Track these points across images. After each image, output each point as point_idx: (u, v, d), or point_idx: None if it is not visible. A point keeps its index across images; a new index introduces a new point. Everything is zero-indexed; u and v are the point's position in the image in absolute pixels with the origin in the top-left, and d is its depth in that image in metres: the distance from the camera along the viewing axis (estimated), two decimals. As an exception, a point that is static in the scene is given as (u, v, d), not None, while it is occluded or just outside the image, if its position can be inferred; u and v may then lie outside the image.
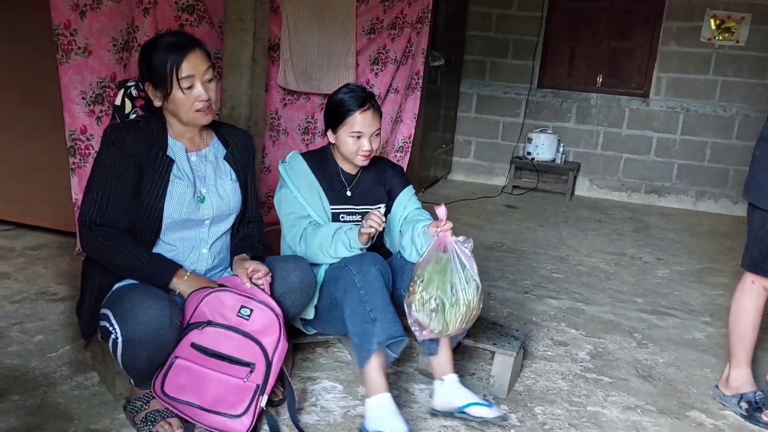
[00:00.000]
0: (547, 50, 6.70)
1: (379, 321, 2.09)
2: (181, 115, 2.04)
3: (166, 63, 1.96)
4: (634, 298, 3.72)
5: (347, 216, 2.49)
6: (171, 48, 1.98)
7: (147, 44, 2.06)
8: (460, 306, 2.09)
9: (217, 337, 1.99)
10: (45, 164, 3.54)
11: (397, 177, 2.61)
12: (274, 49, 3.96)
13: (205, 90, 2.02)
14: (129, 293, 1.90)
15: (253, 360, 2.00)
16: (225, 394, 1.98)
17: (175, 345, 1.97)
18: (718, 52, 6.22)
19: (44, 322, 2.70)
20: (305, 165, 2.45)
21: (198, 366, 1.98)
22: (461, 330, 2.18)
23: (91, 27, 3.14)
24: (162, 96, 2.01)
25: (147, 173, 2.01)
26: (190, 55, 1.98)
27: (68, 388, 2.23)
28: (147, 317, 1.83)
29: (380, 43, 4.79)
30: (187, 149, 2.12)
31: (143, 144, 2.01)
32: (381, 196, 2.56)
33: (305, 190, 2.41)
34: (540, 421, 2.31)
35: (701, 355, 3.00)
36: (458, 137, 7.10)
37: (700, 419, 2.43)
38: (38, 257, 3.45)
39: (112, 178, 1.97)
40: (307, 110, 4.39)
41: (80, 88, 3.21)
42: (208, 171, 2.16)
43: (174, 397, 1.99)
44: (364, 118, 2.36)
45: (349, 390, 2.40)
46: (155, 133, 2.06)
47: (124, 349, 1.86)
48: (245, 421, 1.98)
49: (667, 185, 6.64)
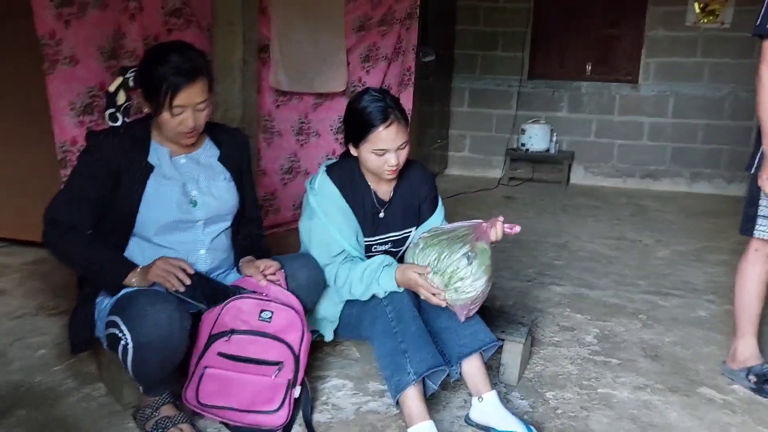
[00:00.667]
0: (536, 41, 6.71)
1: (413, 351, 1.98)
2: (165, 132, 2.03)
3: (163, 83, 1.90)
4: (636, 280, 3.72)
5: (380, 246, 2.31)
6: (174, 70, 1.90)
7: (155, 51, 2.00)
8: (427, 250, 2.02)
9: (242, 343, 2.00)
10: (37, 178, 3.51)
11: (429, 197, 2.37)
12: (265, 51, 3.94)
13: (194, 119, 1.98)
14: (137, 298, 1.88)
15: (281, 358, 2.02)
16: (259, 393, 2.01)
17: (185, 350, 1.96)
18: (704, 34, 6.24)
19: (46, 337, 2.68)
20: (337, 193, 2.20)
21: (228, 372, 2.01)
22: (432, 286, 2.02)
23: (76, 36, 3.12)
24: (150, 109, 1.99)
25: (124, 177, 1.99)
26: (189, 86, 1.92)
27: (75, 400, 2.21)
28: (158, 321, 1.81)
29: (370, 40, 4.78)
30: (173, 153, 2.09)
31: (121, 149, 1.99)
32: (413, 218, 2.35)
33: (339, 222, 2.19)
34: (552, 406, 2.30)
35: (707, 332, 2.99)
36: (453, 132, 7.11)
37: (709, 395, 2.42)
38: (35, 272, 3.43)
39: (83, 181, 1.97)
40: (300, 111, 4.37)
41: (68, 99, 3.18)
42: (201, 173, 2.13)
43: (210, 405, 2.02)
44: (388, 133, 2.08)
45: (360, 387, 2.38)
46: (137, 138, 2.04)
47: (135, 354, 1.84)
48: (282, 414, 2.02)
49: (661, 169, 6.65)
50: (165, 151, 2.08)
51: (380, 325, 2.06)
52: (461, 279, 1.98)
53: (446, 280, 1.99)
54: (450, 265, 1.99)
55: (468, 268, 1.97)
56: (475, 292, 2.00)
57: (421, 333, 2.04)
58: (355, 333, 2.24)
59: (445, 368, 2.03)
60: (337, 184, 2.21)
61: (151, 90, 1.94)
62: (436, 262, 2.01)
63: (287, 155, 4.32)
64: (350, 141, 2.18)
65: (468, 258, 1.98)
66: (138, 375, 1.93)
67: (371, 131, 2.09)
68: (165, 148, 2.08)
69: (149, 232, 2.04)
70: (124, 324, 1.85)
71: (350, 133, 2.17)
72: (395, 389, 1.97)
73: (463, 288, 1.99)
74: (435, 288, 2.01)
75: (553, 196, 6.17)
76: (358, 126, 2.12)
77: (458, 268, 1.98)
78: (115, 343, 1.89)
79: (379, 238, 2.31)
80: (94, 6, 3.13)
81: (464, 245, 2.00)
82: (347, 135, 2.20)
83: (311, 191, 2.24)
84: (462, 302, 2.01)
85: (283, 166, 4.31)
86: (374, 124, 2.08)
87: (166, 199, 2.04)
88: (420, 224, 2.37)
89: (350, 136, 2.18)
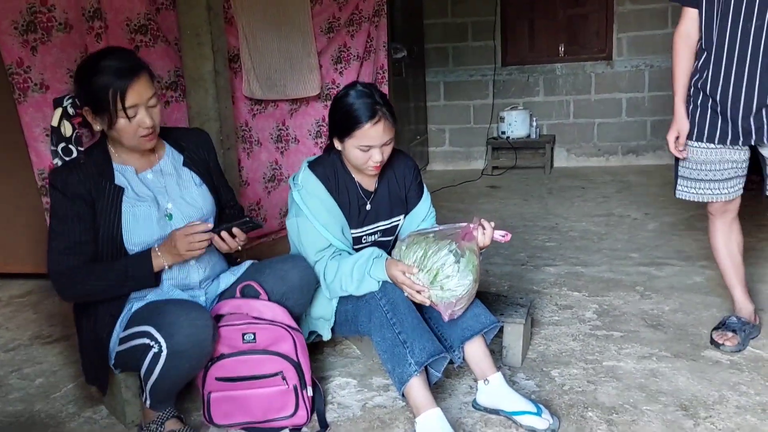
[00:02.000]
0: (506, 28, 6.72)
1: (413, 341, 1.95)
2: (125, 142, 1.97)
3: (108, 90, 1.84)
4: (629, 254, 3.72)
5: (369, 237, 2.30)
6: (115, 73, 1.85)
7: (85, 64, 1.93)
8: (414, 248, 2.00)
9: (235, 365, 2.03)
10: (19, 208, 3.47)
11: (414, 186, 2.35)
12: (235, 61, 3.91)
13: (150, 116, 1.93)
14: (166, 307, 1.89)
15: (279, 369, 2.04)
16: (270, 404, 2.06)
17: (208, 361, 1.99)
18: (673, 5, 6.25)
19: (42, 366, 2.63)
20: (321, 188, 2.17)
21: (232, 392, 2.05)
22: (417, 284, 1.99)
23: (44, 61, 3.07)
24: (104, 123, 1.92)
25: (98, 206, 1.95)
26: (135, 83, 1.87)
27: (77, 425, 2.17)
28: (195, 328, 1.84)
29: (340, 41, 4.75)
30: (138, 170, 2.04)
31: (88, 180, 1.94)
32: (400, 206, 2.34)
33: (325, 218, 2.17)
34: (558, 383, 2.29)
35: (705, 297, 3.00)
36: (431, 127, 7.09)
37: (715, 357, 2.41)
38: (26, 303, 3.37)
39: (67, 225, 1.92)
40: (277, 118, 4.33)
41: (42, 126, 3.13)
42: (169, 184, 2.09)
43: (227, 424, 2.08)
44: (375, 131, 2.05)
45: (364, 383, 2.36)
46: (99, 163, 1.98)
47: (167, 362, 1.84)
48: (301, 414, 2.07)
49: (642, 143, 6.67)
50: (130, 170, 2.03)
51: (377, 319, 2.04)
52: (447, 277, 1.96)
53: (431, 277, 1.97)
54: (436, 262, 1.97)
55: (455, 265, 1.95)
56: (461, 290, 1.97)
57: (418, 322, 2.02)
58: (352, 329, 2.21)
59: (446, 355, 2.01)
60: (321, 178, 2.19)
61: (99, 102, 1.87)
62: (422, 259, 1.99)
63: (268, 163, 4.29)
64: (335, 135, 2.15)
65: (455, 255, 1.96)
66: (161, 384, 1.92)
67: (357, 128, 2.05)
68: (128, 167, 2.03)
69: (130, 245, 2.01)
70: (158, 332, 1.84)
71: (336, 128, 2.13)
72: (399, 381, 1.95)
73: (449, 286, 1.96)
74: (419, 285, 1.99)
75: (537, 181, 6.17)
76: (344, 121, 2.08)
77: (444, 265, 1.96)
78: (139, 354, 1.88)
79: (367, 229, 2.29)
80: (58, 29, 3.08)
81: (451, 243, 1.99)
82: (332, 129, 2.16)
83: (295, 187, 2.21)
84: (446, 300, 1.99)
85: (266, 175, 4.27)
86: (361, 120, 2.04)
87: (145, 218, 2.00)
88: (408, 212, 2.35)
89: (336, 130, 2.14)
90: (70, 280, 1.93)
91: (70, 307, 2.17)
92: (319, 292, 2.25)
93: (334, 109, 2.14)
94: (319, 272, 2.19)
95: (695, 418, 2.03)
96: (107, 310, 2.00)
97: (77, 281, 1.92)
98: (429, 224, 2.34)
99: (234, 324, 2.04)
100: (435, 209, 2.41)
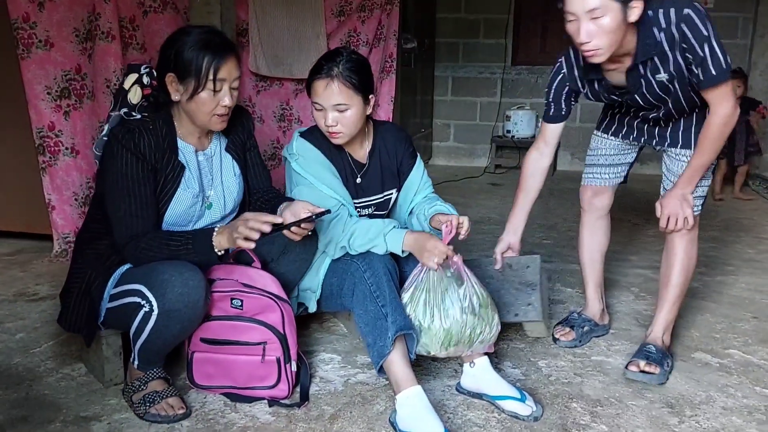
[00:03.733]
0: (518, 27, 6.68)
1: (390, 314, 1.92)
2: (198, 117, 1.93)
3: (203, 60, 1.84)
4: (627, 256, 3.69)
5: (363, 210, 2.27)
6: (210, 47, 1.86)
7: (181, 33, 1.92)
8: (435, 329, 1.92)
9: (221, 328, 2.01)
10: (15, 166, 3.43)
11: (407, 155, 2.34)
12: (243, 35, 3.89)
13: (230, 96, 1.93)
14: (161, 266, 1.84)
15: (263, 339, 2.01)
16: (252, 372, 2.03)
17: (201, 320, 1.96)
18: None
19: (25, 321, 2.60)
20: (319, 153, 2.17)
21: (216, 354, 2.03)
22: (456, 353, 1.98)
23: (50, 18, 3.05)
24: (187, 92, 1.89)
25: (159, 177, 1.93)
26: (229, 60, 1.89)
27: (54, 380, 2.14)
28: (187, 288, 1.81)
29: (350, 25, 4.73)
30: (196, 149, 2.04)
31: (156, 148, 1.92)
32: (393, 180, 2.33)
33: (328, 178, 2.14)
34: (545, 374, 2.26)
35: (700, 301, 2.96)
36: (436, 121, 7.06)
37: (705, 359, 2.38)
38: (14, 262, 3.34)
39: (136, 186, 1.89)
40: (282, 97, 4.31)
41: (44, 83, 3.12)
42: (214, 170, 2.09)
43: (208, 386, 2.07)
44: (321, 88, 2.05)
45: (348, 360, 2.33)
46: (164, 135, 1.95)
47: (158, 321, 1.82)
48: (282, 387, 2.03)
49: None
50: (190, 149, 2.02)
51: (360, 292, 2.01)
52: (440, 334, 1.94)
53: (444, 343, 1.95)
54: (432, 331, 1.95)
55: (430, 320, 1.93)
56: (457, 329, 1.92)
57: (395, 297, 1.98)
58: (337, 303, 2.18)
59: (413, 335, 1.93)
60: (315, 144, 2.18)
61: (190, 68, 1.85)
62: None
63: (270, 141, 4.27)
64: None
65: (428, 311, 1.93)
66: (150, 345, 1.90)
67: (311, 80, 2.09)
68: (190, 146, 2.02)
69: (165, 225, 2.00)
70: (150, 291, 1.81)
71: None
72: (378, 354, 1.91)
73: (452, 341, 1.94)
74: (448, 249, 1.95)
75: (540, 181, 6.12)
76: (308, 76, 2.12)
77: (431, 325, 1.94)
78: (129, 313, 1.86)
79: (360, 202, 2.26)
80: (67, -13, 3.07)
81: (422, 293, 1.95)
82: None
83: (291, 157, 2.19)
84: (461, 346, 1.96)
85: (266, 152, 4.25)
86: (313, 73, 2.07)
87: (191, 202, 2.00)
88: (402, 184, 2.32)
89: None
90: (135, 248, 1.89)
91: (59, 268, 2.14)
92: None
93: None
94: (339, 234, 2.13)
95: (680, 415, 2.00)
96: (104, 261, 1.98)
97: (149, 247, 1.88)
98: (424, 195, 2.32)
99: (223, 291, 2.01)
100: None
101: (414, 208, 2.33)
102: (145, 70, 2.04)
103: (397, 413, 1.86)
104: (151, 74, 2.04)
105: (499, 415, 1.98)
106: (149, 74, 2.03)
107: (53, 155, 3.21)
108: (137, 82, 2.03)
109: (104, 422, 1.90)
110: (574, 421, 1.96)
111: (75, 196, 3.31)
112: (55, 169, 3.24)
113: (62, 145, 3.22)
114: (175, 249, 1.88)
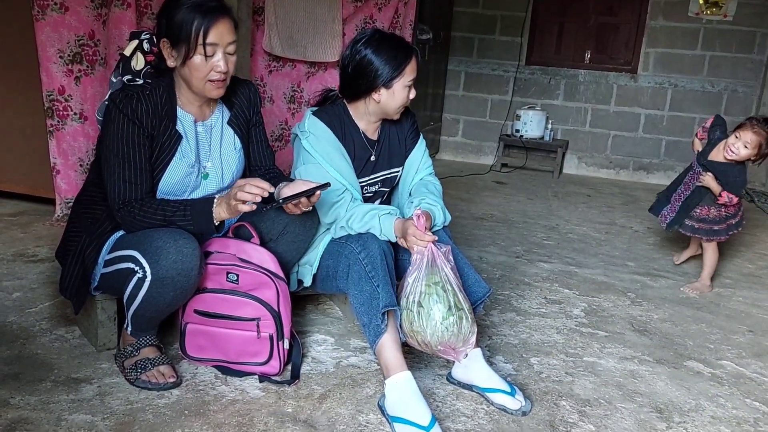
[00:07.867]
0: (535, 26, 6.64)
1: (381, 292, 1.93)
2: (193, 82, 1.92)
3: (192, 23, 1.83)
4: (626, 261, 3.68)
5: (370, 187, 2.29)
6: (200, 9, 1.84)
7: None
8: (427, 318, 1.87)
9: (215, 301, 2.01)
10: (22, 128, 3.43)
11: (411, 132, 2.37)
12: (259, 13, 3.87)
13: (225, 61, 1.91)
14: (157, 233, 1.84)
15: (257, 315, 2.01)
16: (244, 347, 2.03)
17: (195, 288, 1.96)
18: (705, 26, 6.19)
19: (22, 281, 2.61)
20: (330, 133, 2.16)
21: (209, 327, 2.03)
22: (433, 351, 1.92)
23: (68, -19, 3.04)
24: (179, 57, 1.88)
25: (155, 144, 1.93)
26: (219, 23, 1.86)
27: (48, 340, 2.15)
28: (182, 255, 1.80)
29: (367, 12, 4.71)
30: (195, 119, 2.03)
31: (154, 115, 1.91)
32: (401, 158, 2.35)
33: (337, 161, 2.14)
34: (537, 370, 2.26)
35: (696, 311, 2.96)
36: (446, 116, 7.03)
37: (697, 368, 2.38)
38: (15, 223, 3.35)
39: (134, 152, 1.88)
40: (293, 78, 4.30)
41: (57, 47, 3.11)
42: (213, 141, 2.08)
43: (200, 357, 2.06)
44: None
45: (341, 343, 2.33)
46: (164, 102, 1.95)
47: (151, 288, 1.82)
48: (274, 364, 2.04)
49: (655, 162, 6.61)
50: (189, 118, 2.01)
51: (355, 273, 2.02)
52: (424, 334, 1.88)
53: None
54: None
55: (418, 320, 1.88)
56: (438, 336, 1.86)
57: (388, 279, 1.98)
58: (332, 285, 2.18)
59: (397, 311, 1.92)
60: (328, 125, 2.17)
61: (180, 33, 1.85)
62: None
63: (279, 122, 4.26)
64: (372, 88, 2.15)
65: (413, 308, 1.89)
66: (143, 311, 1.90)
67: (409, 61, 2.12)
68: (189, 115, 2.01)
69: (159, 194, 1.99)
70: (144, 257, 1.81)
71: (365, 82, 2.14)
72: (374, 334, 1.91)
73: (433, 339, 1.88)
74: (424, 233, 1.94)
75: (545, 183, 6.12)
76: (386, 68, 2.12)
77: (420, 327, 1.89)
78: (122, 278, 1.86)
79: (370, 179, 2.28)
80: (86, -50, 3.05)
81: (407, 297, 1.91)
82: (358, 84, 2.16)
83: (302, 135, 2.17)
84: (444, 346, 1.89)
85: (274, 133, 4.24)
86: (411, 54, 2.14)
87: (186, 171, 1.99)
88: (405, 159, 2.36)
89: (367, 83, 2.14)
90: (129, 214, 1.88)
91: (59, 232, 2.14)
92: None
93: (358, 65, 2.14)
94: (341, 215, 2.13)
95: (669, 421, 2.00)
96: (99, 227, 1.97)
97: (143, 213, 1.88)
98: (423, 175, 2.34)
99: (219, 263, 2.02)
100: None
101: (411, 190, 2.33)
102: (146, 36, 2.02)
103: (386, 397, 1.86)
104: (151, 41, 2.02)
105: (488, 408, 1.98)
106: (150, 41, 2.02)
107: (62, 119, 3.21)
108: (138, 48, 2.02)
109: (94, 385, 1.91)
110: (563, 418, 1.97)
111: (80, 162, 3.31)
112: (63, 134, 3.24)
113: (71, 110, 3.21)
114: (171, 215, 1.87)
